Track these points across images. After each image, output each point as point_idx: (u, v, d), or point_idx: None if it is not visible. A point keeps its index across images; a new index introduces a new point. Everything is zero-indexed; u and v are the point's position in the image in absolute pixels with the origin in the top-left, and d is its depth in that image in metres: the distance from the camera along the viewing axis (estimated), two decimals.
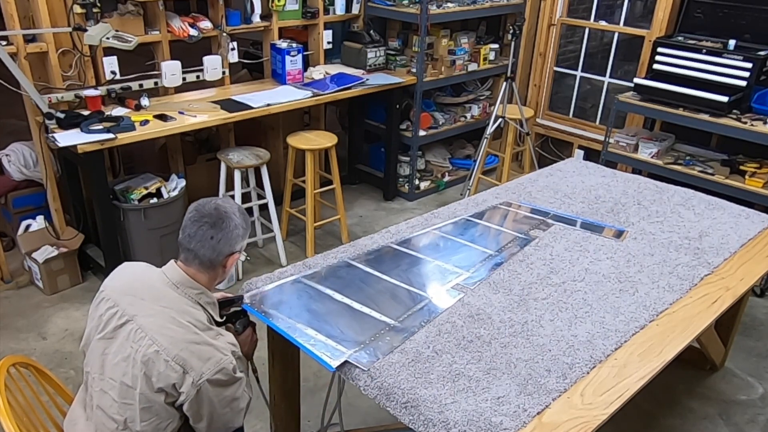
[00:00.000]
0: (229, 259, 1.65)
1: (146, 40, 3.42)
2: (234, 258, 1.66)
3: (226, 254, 1.63)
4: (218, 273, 1.66)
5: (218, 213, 1.63)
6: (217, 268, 1.65)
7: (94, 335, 1.60)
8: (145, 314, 1.54)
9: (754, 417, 2.71)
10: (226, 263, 1.65)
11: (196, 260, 1.61)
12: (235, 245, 1.65)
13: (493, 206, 2.66)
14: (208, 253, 1.60)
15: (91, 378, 1.60)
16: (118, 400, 1.54)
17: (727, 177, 3.64)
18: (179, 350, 1.49)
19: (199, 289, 1.62)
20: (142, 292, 1.58)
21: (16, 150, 3.51)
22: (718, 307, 2.00)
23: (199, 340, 1.52)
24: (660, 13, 4.11)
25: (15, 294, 3.36)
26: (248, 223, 1.72)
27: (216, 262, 1.63)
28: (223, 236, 1.61)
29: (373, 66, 4.29)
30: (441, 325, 1.85)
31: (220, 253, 1.62)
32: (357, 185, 4.84)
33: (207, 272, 1.64)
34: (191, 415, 1.56)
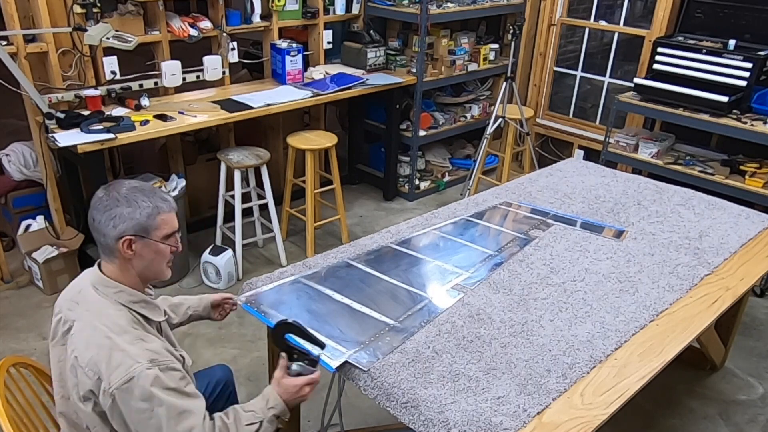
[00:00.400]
0: (119, 243, 1.45)
1: (146, 40, 3.42)
2: (126, 242, 1.45)
3: (112, 236, 1.45)
4: (123, 262, 1.49)
5: (103, 193, 1.50)
6: (115, 255, 1.48)
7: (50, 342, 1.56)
8: (79, 319, 1.47)
9: (754, 417, 2.71)
10: (121, 248, 1.46)
11: (99, 250, 1.51)
12: (120, 225, 1.45)
13: (493, 206, 2.66)
14: (98, 238, 1.49)
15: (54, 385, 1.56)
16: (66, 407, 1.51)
17: (727, 177, 3.64)
18: (91, 355, 1.39)
19: (116, 288, 1.49)
20: (76, 295, 1.52)
21: (16, 150, 3.51)
22: (718, 307, 2.00)
23: (111, 345, 1.39)
24: (660, 13, 4.11)
25: (15, 294, 3.37)
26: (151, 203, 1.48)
27: (110, 247, 1.47)
28: (102, 216, 1.46)
29: (373, 66, 4.29)
30: (441, 325, 1.85)
31: (106, 236, 1.46)
32: (357, 185, 4.84)
33: (112, 261, 1.50)
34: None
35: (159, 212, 1.49)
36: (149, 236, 1.48)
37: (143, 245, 1.48)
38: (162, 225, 1.50)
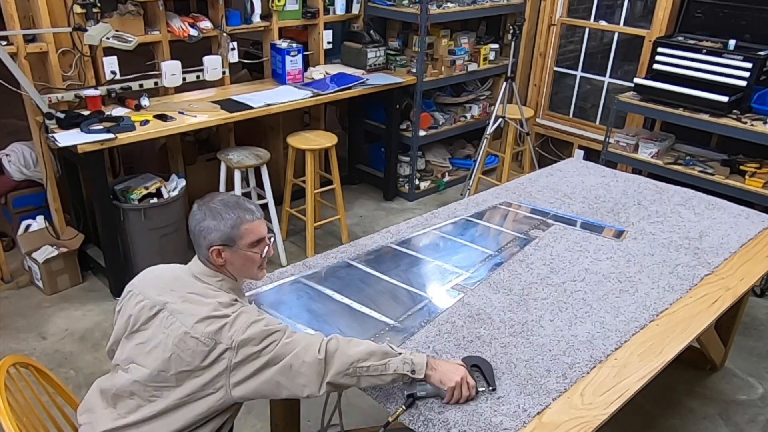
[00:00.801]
0: (209, 252, 1.60)
1: (146, 40, 3.42)
2: (216, 251, 1.59)
3: (204, 246, 1.60)
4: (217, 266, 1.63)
5: (196, 207, 1.64)
6: (210, 260, 1.62)
7: (126, 332, 1.63)
8: (175, 301, 1.57)
9: (754, 417, 2.71)
10: (211, 257, 1.61)
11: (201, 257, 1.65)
12: (209, 237, 1.59)
13: (493, 206, 2.66)
14: (197, 249, 1.64)
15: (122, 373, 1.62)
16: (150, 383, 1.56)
17: (727, 177, 3.64)
18: (206, 326, 1.50)
19: (219, 277, 1.63)
20: (171, 283, 1.63)
21: (16, 150, 3.51)
22: (718, 307, 2.00)
23: (223, 314, 1.52)
24: (660, 13, 4.11)
25: (15, 294, 3.37)
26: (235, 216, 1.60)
27: (204, 254, 1.62)
28: (195, 228, 1.61)
29: (373, 66, 4.29)
30: (441, 325, 1.85)
31: (200, 246, 1.62)
32: (357, 185, 4.84)
33: (206, 265, 1.64)
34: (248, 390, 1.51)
35: (242, 222, 1.60)
36: (235, 245, 1.60)
37: (231, 253, 1.61)
38: (246, 234, 1.61)
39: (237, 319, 1.51)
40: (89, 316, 3.19)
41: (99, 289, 3.42)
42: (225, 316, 1.52)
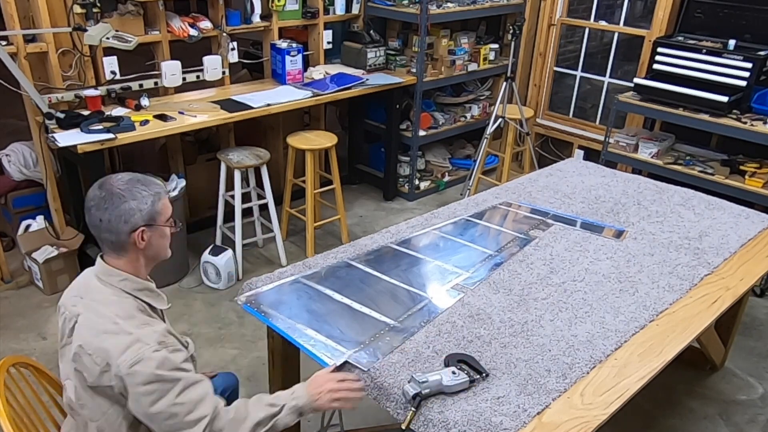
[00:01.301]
0: (133, 236, 1.49)
1: (146, 40, 3.42)
2: (139, 234, 1.49)
3: (126, 232, 1.48)
4: (136, 253, 1.53)
5: (101, 193, 1.50)
6: (128, 248, 1.51)
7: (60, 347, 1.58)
8: (83, 311, 1.50)
9: (754, 417, 2.71)
10: (135, 241, 1.50)
11: (105, 247, 1.54)
12: (131, 219, 1.48)
13: (493, 206, 2.66)
14: (107, 236, 1.50)
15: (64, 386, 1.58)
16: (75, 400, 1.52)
17: (727, 177, 3.64)
18: (99, 342, 1.42)
19: (120, 276, 1.52)
20: (81, 290, 1.56)
21: (16, 150, 3.51)
22: (718, 307, 2.00)
23: (118, 329, 1.43)
24: (660, 13, 4.11)
25: (15, 294, 3.36)
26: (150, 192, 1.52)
27: (120, 242, 1.50)
28: (111, 215, 1.47)
29: (373, 66, 4.29)
30: (441, 325, 1.85)
31: (119, 233, 1.48)
32: (357, 185, 4.84)
33: (121, 256, 1.53)
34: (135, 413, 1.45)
35: (159, 198, 1.54)
36: (156, 223, 1.53)
37: (152, 232, 1.53)
38: (164, 210, 1.55)
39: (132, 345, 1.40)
40: None
41: None
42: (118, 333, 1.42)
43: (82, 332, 1.46)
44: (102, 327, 1.44)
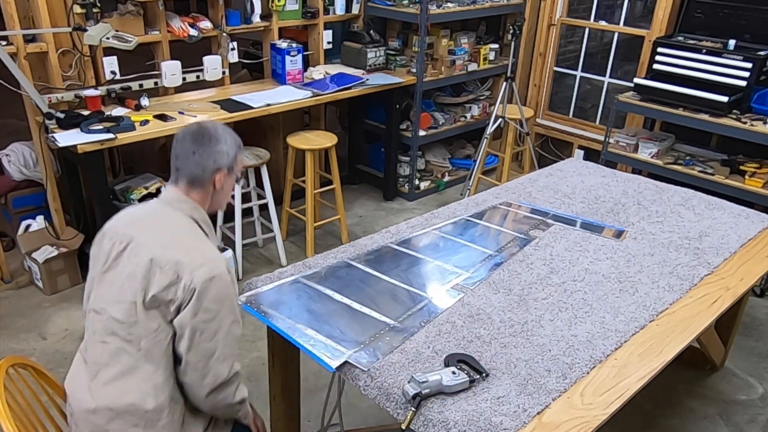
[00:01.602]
0: (216, 175, 1.62)
1: (146, 40, 3.42)
2: (221, 176, 1.62)
3: (211, 170, 1.61)
4: (209, 191, 1.64)
5: (200, 130, 1.61)
6: (206, 185, 1.63)
7: (99, 273, 1.61)
8: (142, 232, 1.57)
9: (754, 417, 2.71)
10: (214, 180, 1.62)
11: (184, 178, 1.62)
12: (219, 161, 1.61)
13: (493, 206, 2.66)
14: (192, 169, 1.60)
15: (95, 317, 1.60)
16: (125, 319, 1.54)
17: (727, 177, 3.64)
18: (172, 255, 1.51)
19: (190, 204, 1.63)
20: (139, 217, 1.63)
21: (16, 150, 3.51)
22: (718, 307, 2.00)
23: (192, 246, 1.54)
24: (660, 13, 4.11)
25: (15, 294, 3.37)
26: (236, 142, 1.66)
27: (202, 178, 1.61)
28: (205, 151, 1.59)
29: (373, 66, 4.29)
30: (441, 325, 1.85)
31: (205, 169, 1.60)
32: (357, 185, 4.84)
33: (196, 190, 1.63)
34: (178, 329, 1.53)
35: (241, 149, 1.68)
36: (234, 171, 1.67)
37: (228, 179, 1.66)
38: (240, 162, 1.70)
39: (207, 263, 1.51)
40: None
41: None
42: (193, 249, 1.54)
43: (151, 247, 1.53)
44: (175, 242, 1.54)
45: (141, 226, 1.59)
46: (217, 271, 1.52)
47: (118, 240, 1.59)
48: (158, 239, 1.55)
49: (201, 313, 1.51)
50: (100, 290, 1.60)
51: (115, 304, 1.56)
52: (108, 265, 1.59)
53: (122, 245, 1.57)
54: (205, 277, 1.50)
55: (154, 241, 1.54)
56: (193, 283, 1.49)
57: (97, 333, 1.59)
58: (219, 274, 1.52)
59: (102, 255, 1.61)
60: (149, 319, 1.53)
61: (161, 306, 1.52)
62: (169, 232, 1.57)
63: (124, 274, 1.55)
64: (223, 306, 1.54)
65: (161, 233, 1.57)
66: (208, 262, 1.52)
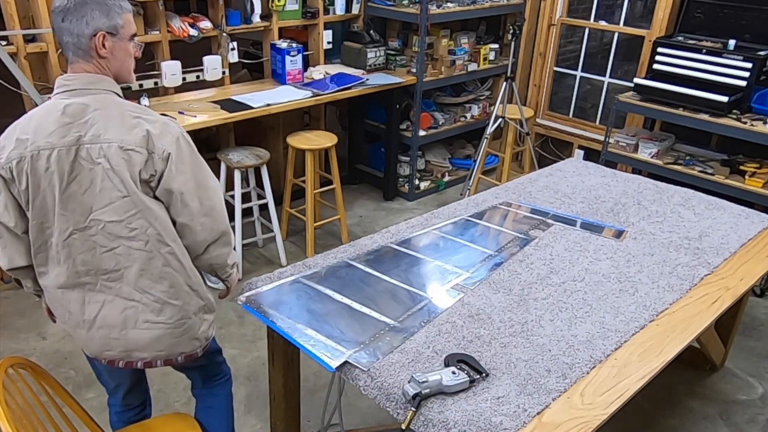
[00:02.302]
0: (94, 40, 1.52)
1: (146, 40, 3.41)
2: (101, 38, 1.53)
3: (87, 35, 1.52)
4: (98, 61, 1.56)
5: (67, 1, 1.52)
6: (91, 53, 1.54)
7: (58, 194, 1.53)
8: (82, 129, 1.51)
9: (754, 417, 2.71)
10: (95, 46, 1.53)
11: (69, 52, 1.55)
12: (92, 23, 1.51)
13: (493, 206, 2.66)
14: (71, 40, 1.53)
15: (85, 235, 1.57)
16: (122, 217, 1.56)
17: (727, 177, 3.64)
18: (134, 134, 1.52)
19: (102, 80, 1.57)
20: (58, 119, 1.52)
21: None
22: (718, 307, 2.00)
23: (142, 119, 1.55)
24: (660, 13, 4.11)
25: (15, 294, 3.36)
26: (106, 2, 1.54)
27: (83, 47, 1.53)
28: (75, 17, 1.50)
29: (373, 66, 4.29)
30: (441, 325, 1.85)
31: (81, 35, 1.52)
32: (357, 185, 4.84)
33: (87, 63, 1.55)
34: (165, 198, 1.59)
35: (122, 11, 1.58)
36: (119, 34, 1.58)
37: (114, 43, 1.57)
38: (127, 24, 1.60)
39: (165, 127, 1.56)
40: None
41: None
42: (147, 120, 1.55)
43: (108, 137, 1.51)
44: (125, 122, 1.53)
45: (74, 126, 1.51)
46: (178, 131, 1.58)
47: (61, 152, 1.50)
48: (111, 127, 1.51)
49: (180, 175, 1.57)
50: (71, 207, 1.54)
51: (105, 208, 1.55)
52: (66, 180, 1.52)
53: (71, 155, 1.51)
54: (173, 140, 1.56)
55: (106, 130, 1.51)
56: (165, 150, 1.54)
57: (98, 247, 1.58)
58: (180, 133, 1.59)
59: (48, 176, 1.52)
60: (146, 205, 1.57)
61: (146, 185, 1.56)
62: (111, 116, 1.52)
63: (97, 177, 1.52)
64: (195, 160, 1.62)
65: (113, 118, 1.52)
66: (164, 126, 1.57)
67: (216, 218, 1.67)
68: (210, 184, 1.66)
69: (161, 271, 1.63)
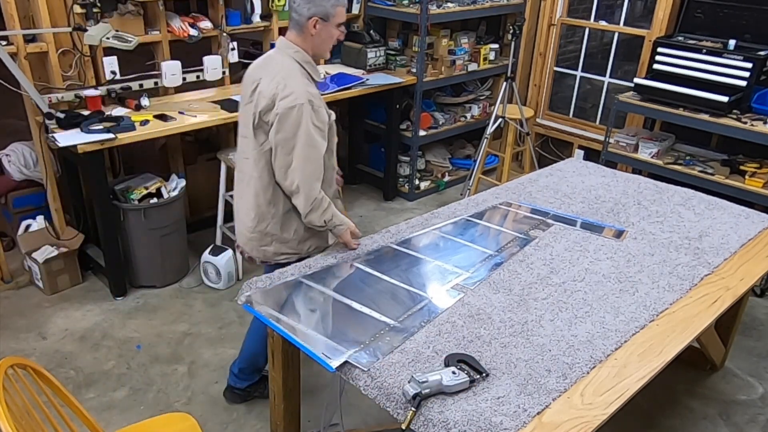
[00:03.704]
0: (309, 22, 2.04)
1: (146, 40, 3.42)
2: (314, 22, 2.03)
3: (306, 16, 2.03)
4: (307, 37, 2.08)
5: None
6: (304, 31, 2.07)
7: (242, 106, 2.20)
8: (261, 72, 2.11)
9: (754, 417, 2.71)
10: (309, 27, 2.05)
11: (291, 25, 2.10)
12: (313, 9, 2.02)
13: (493, 206, 2.66)
14: (294, 15, 2.07)
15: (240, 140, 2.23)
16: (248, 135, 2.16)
17: (727, 177, 3.64)
18: (272, 88, 2.03)
19: (294, 48, 2.10)
20: (261, 63, 2.19)
21: (16, 150, 3.51)
22: (718, 307, 2.00)
23: (285, 82, 2.03)
24: (660, 13, 4.11)
25: (15, 294, 3.36)
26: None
27: (300, 23, 2.06)
28: (302, 1, 2.03)
29: (373, 66, 4.29)
30: (441, 325, 1.85)
31: (301, 15, 2.04)
32: (357, 185, 4.84)
33: (298, 35, 2.09)
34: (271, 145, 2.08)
35: (338, 4, 2.08)
36: (329, 21, 2.08)
37: (323, 27, 2.08)
38: (339, 15, 2.10)
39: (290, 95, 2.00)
40: (89, 316, 3.19)
41: (99, 289, 3.42)
42: (286, 86, 2.02)
43: (262, 84, 2.07)
44: (277, 78, 2.05)
45: (262, 68, 2.13)
46: (298, 103, 2.00)
47: (250, 81, 2.14)
48: (268, 76, 2.06)
49: (281, 133, 2.03)
50: (241, 119, 2.20)
51: (244, 127, 2.18)
52: (246, 99, 2.15)
53: (254, 85, 2.10)
54: (287, 106, 2.00)
55: (265, 78, 2.07)
56: (278, 109, 2.01)
57: (239, 152, 2.25)
58: (299, 105, 1.99)
59: (244, 93, 2.18)
60: (257, 135, 2.11)
61: (263, 126, 2.08)
62: (276, 71, 2.06)
63: (251, 104, 2.10)
64: (298, 129, 2.02)
65: (271, 72, 2.07)
66: (292, 94, 2.00)
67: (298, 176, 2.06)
68: (306, 152, 2.04)
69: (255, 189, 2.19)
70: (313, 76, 2.13)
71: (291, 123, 2.00)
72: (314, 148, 2.05)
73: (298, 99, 1.99)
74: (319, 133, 2.05)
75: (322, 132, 2.07)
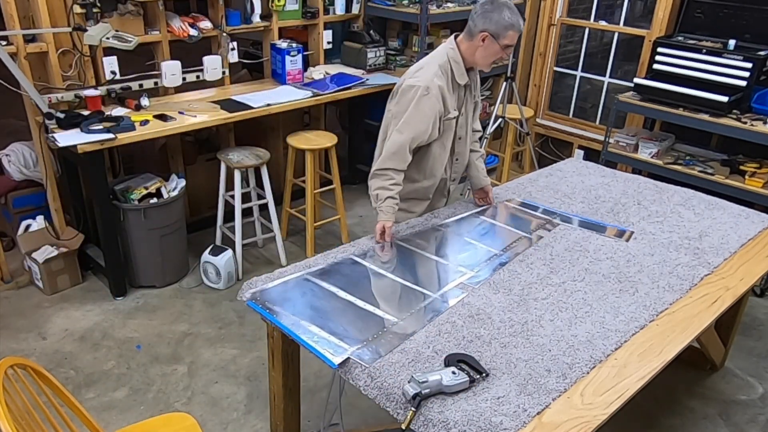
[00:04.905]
0: (480, 35, 2.16)
1: (146, 40, 3.42)
2: (483, 36, 2.16)
3: (479, 28, 2.16)
4: (475, 45, 2.20)
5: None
6: (473, 39, 2.20)
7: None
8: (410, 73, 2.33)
9: (754, 417, 2.71)
10: (478, 38, 2.17)
11: (466, 27, 2.22)
12: (486, 24, 2.14)
13: (495, 205, 2.66)
14: (469, 22, 2.20)
15: None
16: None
17: (727, 177, 3.64)
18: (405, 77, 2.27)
19: (453, 46, 2.26)
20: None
21: (16, 150, 3.51)
22: (718, 307, 2.00)
23: (422, 68, 2.25)
24: (660, 13, 4.11)
25: (15, 294, 3.36)
26: (513, 21, 2.14)
27: (472, 32, 2.19)
28: (482, 12, 2.14)
29: (373, 66, 4.29)
30: (441, 325, 1.85)
31: (476, 25, 2.17)
32: (357, 185, 4.84)
33: (467, 40, 2.23)
34: None
35: (512, 29, 2.17)
36: (497, 40, 2.18)
37: (490, 43, 2.19)
38: (509, 38, 2.19)
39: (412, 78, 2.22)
40: (89, 316, 3.19)
41: (99, 289, 3.42)
42: (417, 74, 2.23)
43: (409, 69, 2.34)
44: (419, 63, 2.30)
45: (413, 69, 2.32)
46: (417, 85, 2.19)
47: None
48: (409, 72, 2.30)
49: (394, 106, 2.28)
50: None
51: None
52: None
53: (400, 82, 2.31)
54: (406, 85, 2.22)
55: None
56: (401, 84, 2.25)
57: None
58: (417, 87, 2.19)
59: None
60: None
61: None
62: (428, 56, 2.29)
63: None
64: (406, 109, 2.21)
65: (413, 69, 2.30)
66: (416, 77, 2.22)
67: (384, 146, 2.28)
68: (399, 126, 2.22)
69: None
70: (456, 75, 2.27)
71: (402, 100, 2.23)
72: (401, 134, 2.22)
73: (418, 82, 2.19)
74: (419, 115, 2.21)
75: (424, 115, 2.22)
